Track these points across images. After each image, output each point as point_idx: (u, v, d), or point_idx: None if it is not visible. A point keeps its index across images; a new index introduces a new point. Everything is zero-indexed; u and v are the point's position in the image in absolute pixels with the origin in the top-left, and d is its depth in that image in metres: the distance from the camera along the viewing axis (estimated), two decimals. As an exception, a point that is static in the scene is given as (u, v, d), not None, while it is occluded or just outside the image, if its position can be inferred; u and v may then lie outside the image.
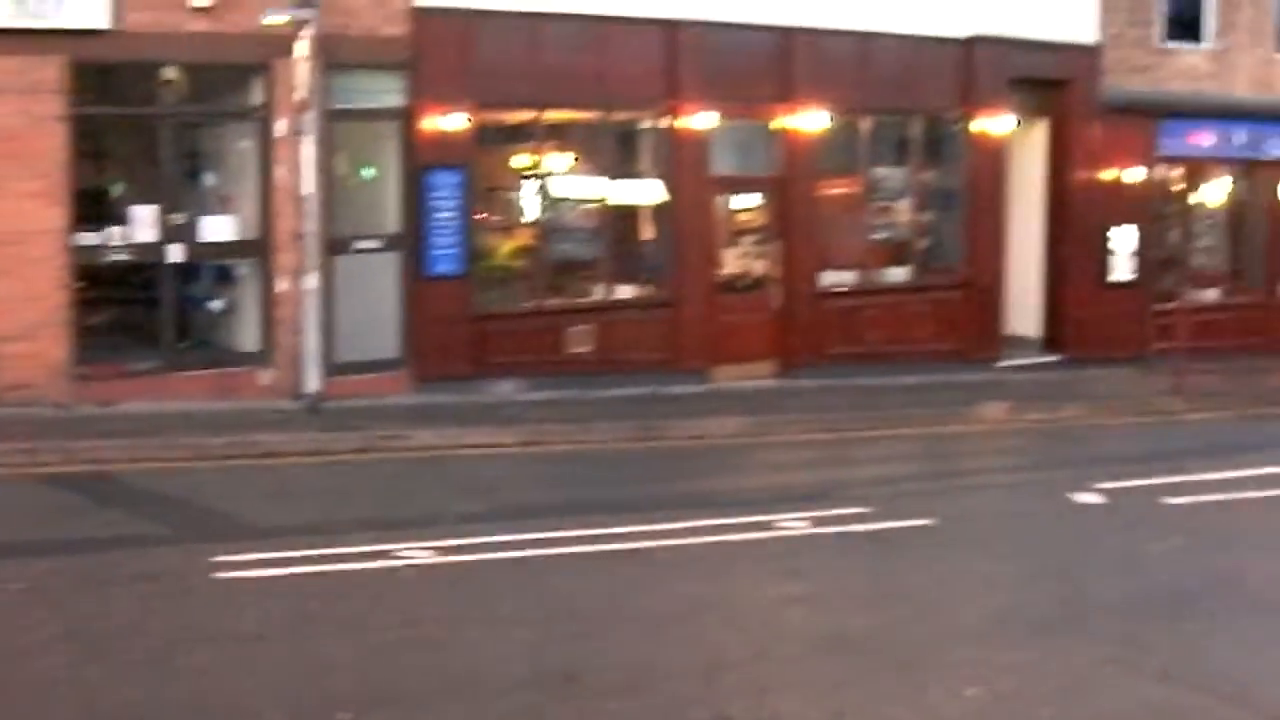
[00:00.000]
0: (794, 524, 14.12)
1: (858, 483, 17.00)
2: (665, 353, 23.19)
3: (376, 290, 21.15)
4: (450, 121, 21.12)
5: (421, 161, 21.12)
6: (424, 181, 21.10)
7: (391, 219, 21.36)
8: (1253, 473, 17.72)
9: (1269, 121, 31.08)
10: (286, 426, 18.59)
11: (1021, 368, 26.99)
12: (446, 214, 21.25)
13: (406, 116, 21.13)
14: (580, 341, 22.41)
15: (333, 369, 20.26)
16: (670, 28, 22.93)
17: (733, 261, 24.76)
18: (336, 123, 20.49)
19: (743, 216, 25.10)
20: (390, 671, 9.62)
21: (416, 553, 12.57)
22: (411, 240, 21.21)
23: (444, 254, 21.28)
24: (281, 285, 20.20)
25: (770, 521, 14.16)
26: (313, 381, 19.84)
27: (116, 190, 20.88)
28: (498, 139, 22.83)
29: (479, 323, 21.69)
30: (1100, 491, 16.29)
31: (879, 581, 12.45)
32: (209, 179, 20.99)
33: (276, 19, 19.42)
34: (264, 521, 14.08)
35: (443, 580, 12.10)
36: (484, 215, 22.42)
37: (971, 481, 17.79)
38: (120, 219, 19.62)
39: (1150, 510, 15.62)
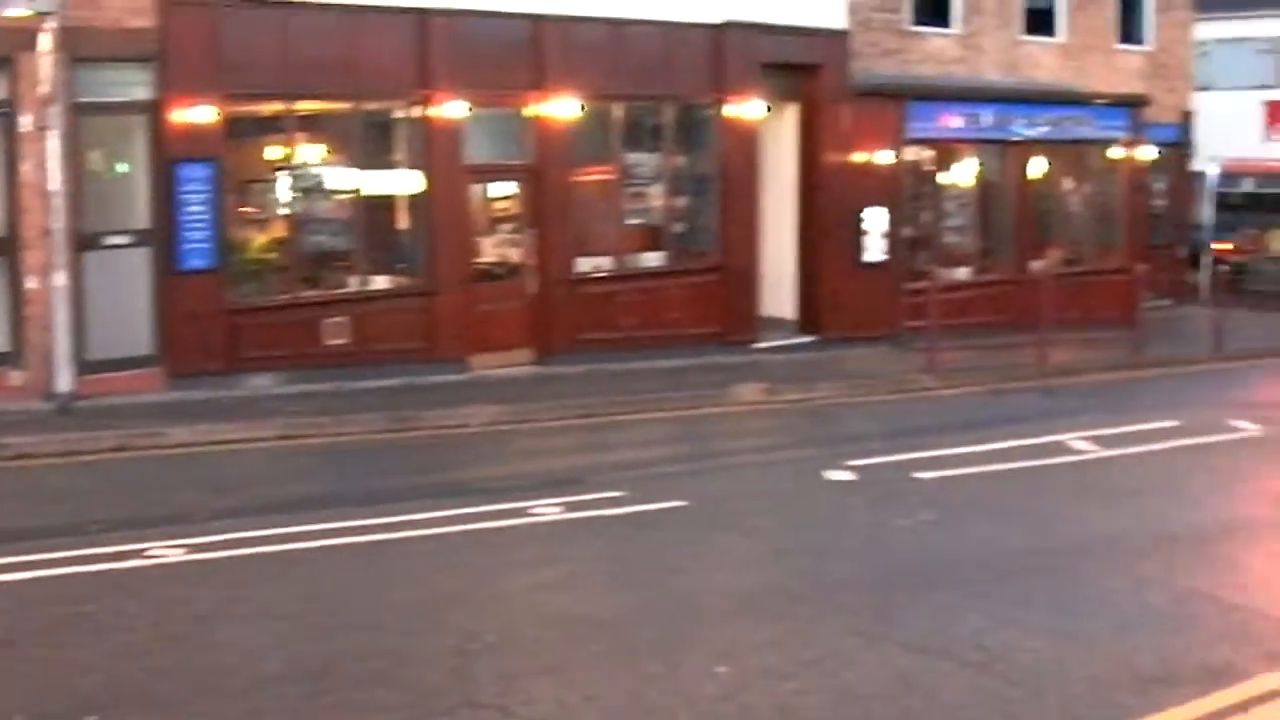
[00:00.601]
0: (548, 510, 14.39)
1: (613, 467, 17.30)
2: (422, 342, 23.50)
3: (128, 286, 21.13)
4: (199, 114, 21.20)
5: (171, 155, 21.13)
6: (174, 175, 21.12)
7: (142, 214, 21.31)
8: (1001, 445, 18.59)
9: (1016, 103, 32.39)
10: (38, 427, 18.54)
11: (777, 349, 27.78)
12: (198, 207, 21.29)
13: (155, 109, 21.15)
14: (337, 333, 22.62)
15: (85, 367, 20.33)
16: (421, 16, 23.24)
17: (489, 250, 25.17)
18: (84, 116, 20.52)
19: (499, 204, 25.46)
20: (140, 671, 9.73)
21: (169, 551, 12.64)
22: (163, 235, 21.22)
23: (196, 248, 21.33)
24: (30, 283, 20.17)
25: (525, 508, 14.40)
26: (65, 381, 19.88)
27: None
28: (249, 131, 22.90)
29: (233, 317, 21.80)
30: (852, 469, 16.82)
31: (632, 564, 12.63)
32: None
33: (18, 11, 19.51)
34: (13, 525, 14.01)
35: (195, 577, 12.07)
36: (237, 208, 22.49)
37: (725, 462, 18.11)
38: None
39: (901, 485, 16.10)
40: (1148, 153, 35.88)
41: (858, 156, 29.11)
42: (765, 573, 12.47)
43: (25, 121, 19.99)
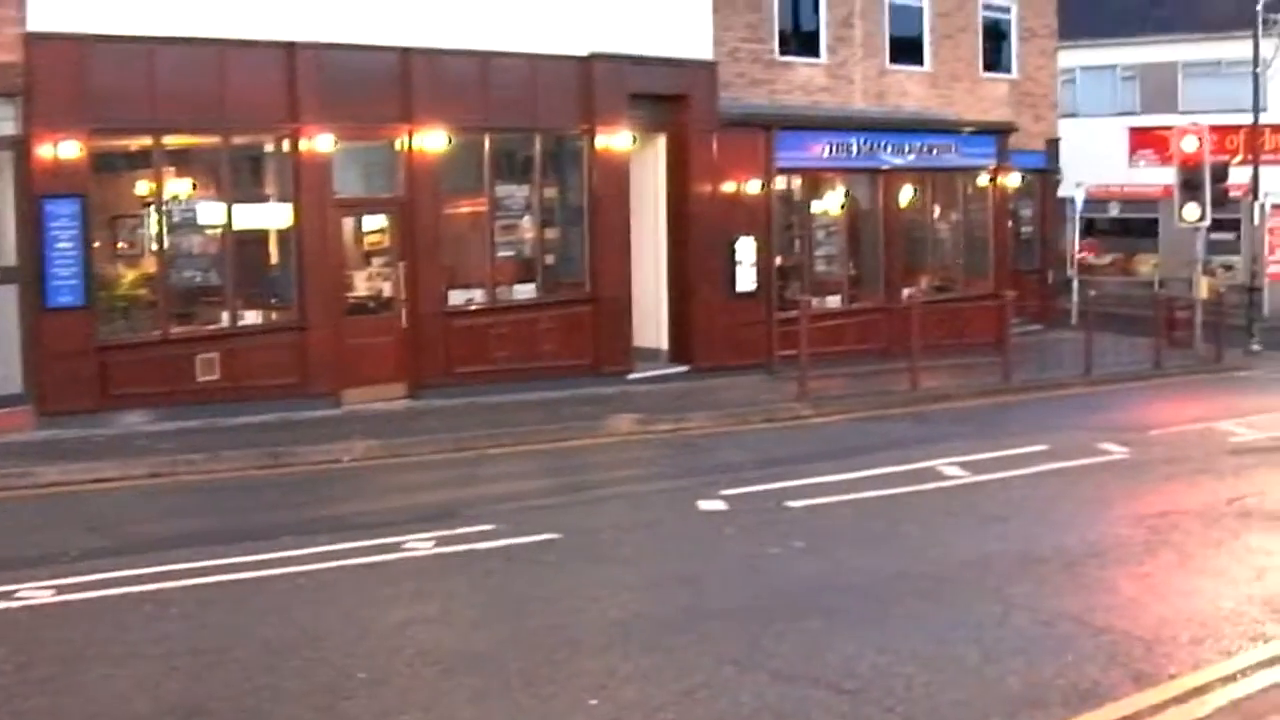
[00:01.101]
0: (421, 544, 14.41)
1: (485, 500, 17.31)
2: (295, 377, 23.57)
3: (-4, 324, 21.06)
4: (66, 149, 21.18)
5: (38, 191, 21.09)
6: (41, 211, 21.06)
7: (9, 251, 21.24)
8: (872, 472, 18.78)
9: (884, 131, 32.94)
10: (-96, 469, 18.36)
11: (651, 379, 28.03)
12: (66, 244, 21.24)
13: (21, 145, 21.08)
14: (209, 369, 22.67)
15: (-48, 407, 20.21)
16: (288, 50, 23.32)
17: (361, 283, 25.31)
18: (-52, 153, 20.43)
19: (370, 238, 25.58)
20: (7, 716, 9.56)
21: (36, 593, 12.52)
22: (31, 272, 21.14)
23: (65, 285, 21.28)
24: (-105, 322, 20.03)
25: (398, 543, 14.40)
26: (-69, 420, 19.76)
27: None
28: (118, 166, 23.01)
29: (104, 354, 21.77)
30: (725, 498, 16.97)
31: (505, 598, 12.60)
32: None
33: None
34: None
35: (63, 619, 11.91)
36: (106, 244, 22.53)
37: (598, 494, 18.16)
38: None
39: (773, 514, 16.23)
40: (1015, 179, 36.64)
41: (727, 186, 29.51)
42: (638, 603, 12.43)
43: (-113, 158, 19.86)
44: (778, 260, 30.67)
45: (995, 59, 39.44)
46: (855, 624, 11.64)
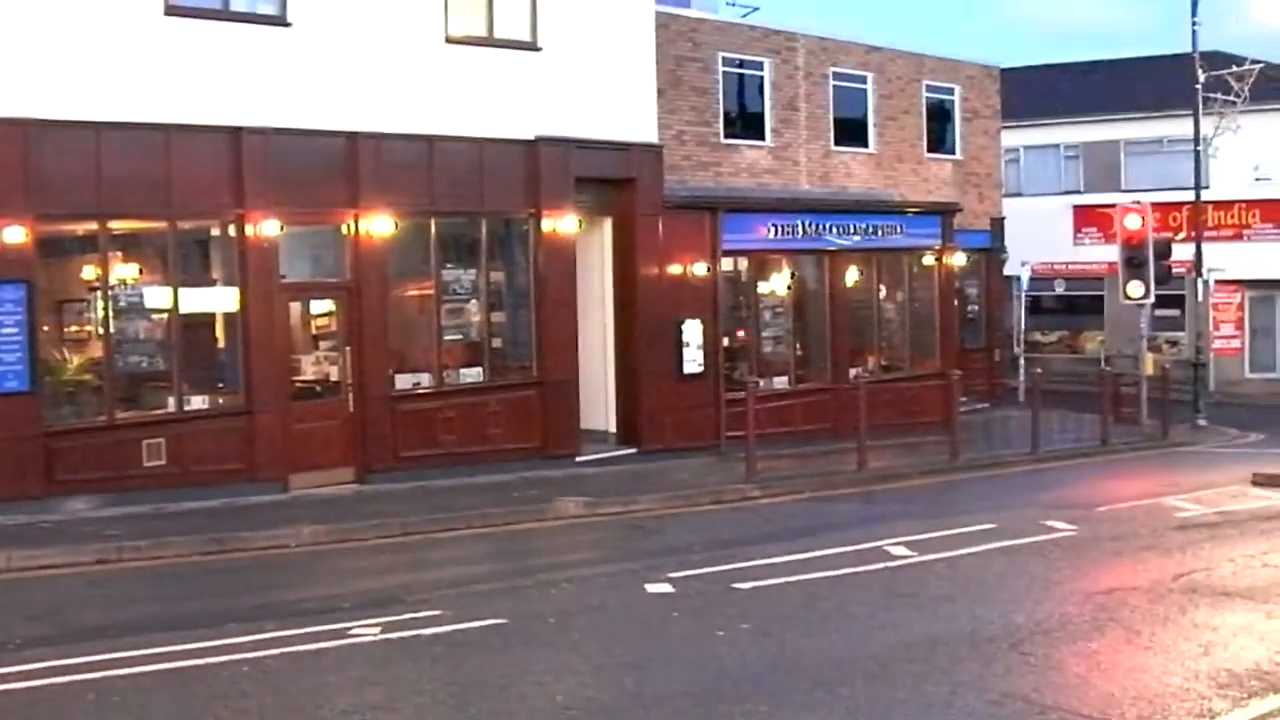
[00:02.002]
0: (367, 630, 14.35)
1: (432, 585, 17.23)
2: (242, 462, 23.56)
3: (-60, 409, 20.99)
4: (11, 234, 21.26)
5: (-17, 276, 21.13)
6: (-14, 296, 21.11)
7: (-46, 336, 21.26)
8: (820, 553, 18.85)
9: (829, 213, 33.20)
10: None
11: (599, 461, 28.09)
12: (11, 329, 21.26)
13: (-33, 230, 21.11)
14: (155, 454, 22.64)
15: (-105, 493, 20.10)
16: (234, 134, 23.44)
17: (308, 367, 25.37)
18: (-108, 239, 20.40)
19: (318, 321, 25.67)
20: None
21: None
22: (-25, 357, 21.17)
23: (9, 370, 21.29)
24: None
25: (344, 629, 14.36)
26: (-127, 507, 19.63)
27: None
28: (63, 250, 23.07)
29: (49, 439, 21.74)
30: (672, 581, 16.98)
31: (450, 684, 12.48)
32: None
33: None
34: None
35: (6, 710, 11.76)
36: (52, 329, 22.52)
37: (545, 578, 17.94)
38: None
39: (720, 596, 16.23)
40: (960, 259, 36.91)
41: (674, 268, 29.70)
42: (585, 688, 12.31)
43: None
44: (725, 341, 30.84)
45: (939, 140, 39.87)
46: (801, 707, 11.57)
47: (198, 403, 23.55)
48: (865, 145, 36.94)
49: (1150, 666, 12.86)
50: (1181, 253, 38.27)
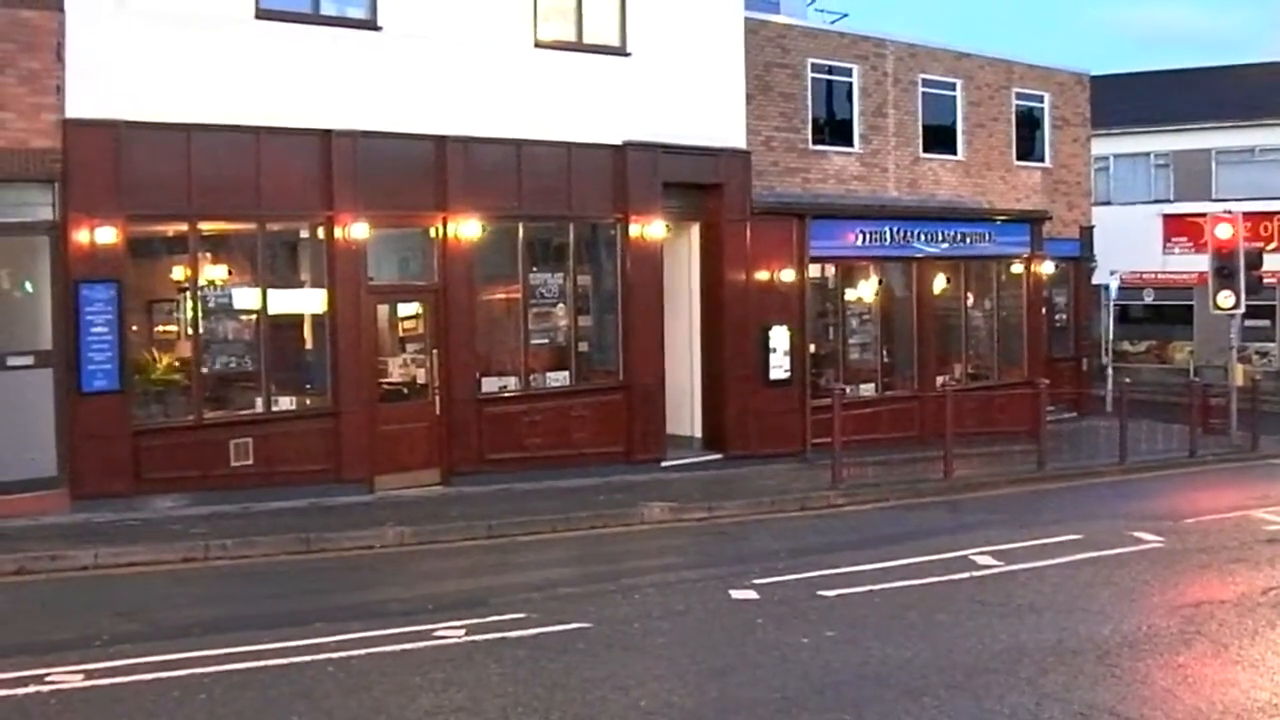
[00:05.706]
0: (452, 632, 14.31)
1: (517, 588, 17.20)
2: (328, 463, 23.65)
3: (31, 407, 21.11)
4: (102, 235, 21.35)
5: (74, 276, 21.22)
6: (77, 296, 21.19)
7: (45, 335, 21.32)
8: (905, 562, 18.74)
9: (917, 220, 33.04)
10: (-60, 550, 18.37)
11: (684, 467, 28.06)
12: (101, 329, 21.36)
13: (58, 230, 21.21)
14: (243, 454, 22.73)
15: (-13, 489, 20.23)
16: (324, 137, 23.53)
17: (395, 369, 25.38)
18: (-13, 237, 20.58)
19: (405, 324, 25.71)
20: None
21: (68, 677, 12.39)
22: (66, 356, 21.23)
23: (99, 369, 21.38)
24: (-68, 404, 20.09)
25: (429, 630, 14.30)
26: (-34, 503, 19.78)
27: None
28: (153, 251, 23.14)
29: (138, 438, 21.85)
30: (756, 587, 16.86)
31: (534, 687, 12.38)
32: None
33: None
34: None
35: (94, 704, 11.74)
36: (141, 328, 22.61)
37: (630, 583, 17.83)
38: None
39: (804, 604, 16.08)
40: (1049, 267, 36.70)
41: (761, 274, 29.62)
42: (667, 694, 12.20)
43: (-73, 243, 19.99)
44: (811, 348, 30.74)
45: (1029, 147, 39.54)
46: (885, 716, 11.48)
47: (285, 403, 23.63)
48: (954, 152, 36.67)
49: (1238, 681, 12.66)
50: (1272, 263, 37.87)
